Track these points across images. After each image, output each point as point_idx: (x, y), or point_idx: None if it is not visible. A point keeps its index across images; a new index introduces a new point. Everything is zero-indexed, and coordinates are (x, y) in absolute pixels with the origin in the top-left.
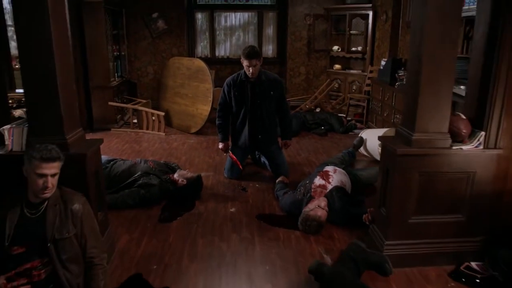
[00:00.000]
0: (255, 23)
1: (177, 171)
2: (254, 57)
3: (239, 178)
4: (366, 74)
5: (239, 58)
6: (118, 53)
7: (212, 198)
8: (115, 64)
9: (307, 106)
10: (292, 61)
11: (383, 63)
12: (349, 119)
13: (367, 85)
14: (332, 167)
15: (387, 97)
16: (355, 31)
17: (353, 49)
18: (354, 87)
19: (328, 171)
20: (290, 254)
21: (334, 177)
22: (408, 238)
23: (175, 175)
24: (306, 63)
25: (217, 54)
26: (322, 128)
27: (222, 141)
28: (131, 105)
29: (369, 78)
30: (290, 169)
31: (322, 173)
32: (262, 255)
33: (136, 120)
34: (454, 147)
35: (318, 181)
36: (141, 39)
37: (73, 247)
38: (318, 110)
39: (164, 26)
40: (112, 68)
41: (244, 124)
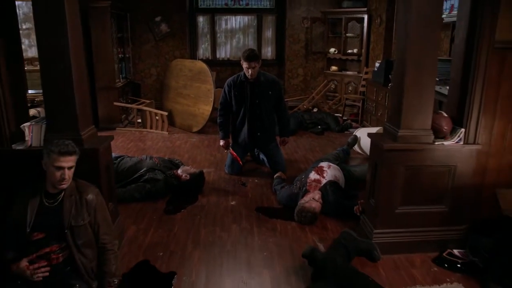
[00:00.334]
0: (254, 26)
1: (180, 167)
2: (253, 59)
3: (239, 174)
4: (361, 75)
5: (239, 60)
6: (123, 55)
7: (214, 192)
8: (120, 66)
9: (304, 106)
10: (290, 62)
11: (377, 64)
12: (345, 118)
13: (362, 86)
14: (327, 163)
15: (381, 97)
16: (351, 34)
17: (349, 51)
18: (350, 88)
19: (323, 167)
20: (286, 243)
21: (328, 172)
22: (395, 227)
23: (179, 171)
24: (304, 64)
25: (218, 56)
26: (319, 127)
27: (223, 139)
28: (135, 105)
29: (364, 79)
30: (288, 165)
31: (317, 169)
32: (260, 243)
33: (140, 120)
34: (436, 143)
35: (313, 175)
36: (145, 42)
37: (88, 233)
38: (315, 110)
39: (167, 29)
40: (117, 69)
41: (243, 123)
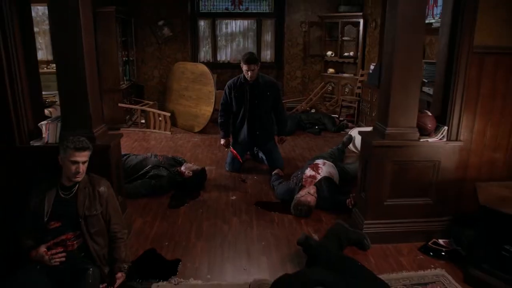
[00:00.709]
0: (254, 29)
1: (183, 164)
2: (253, 62)
3: (239, 171)
4: (357, 77)
5: (239, 63)
6: (127, 58)
7: (215, 188)
8: (124, 69)
9: (302, 107)
10: (289, 65)
11: (371, 67)
12: (341, 119)
13: (358, 87)
14: (322, 160)
15: (375, 98)
16: (347, 38)
17: (346, 54)
18: (346, 90)
19: (318, 164)
20: (283, 234)
21: (323, 169)
22: (384, 218)
23: (182, 168)
24: (302, 67)
25: (218, 58)
26: (316, 127)
27: (224, 137)
28: (139, 106)
29: (360, 81)
30: (285, 163)
31: (312, 165)
32: (258, 234)
33: (144, 120)
34: (421, 140)
35: (308, 172)
36: (148, 45)
37: (100, 222)
38: (313, 111)
39: (169, 33)
40: (121, 72)
41: (243, 122)
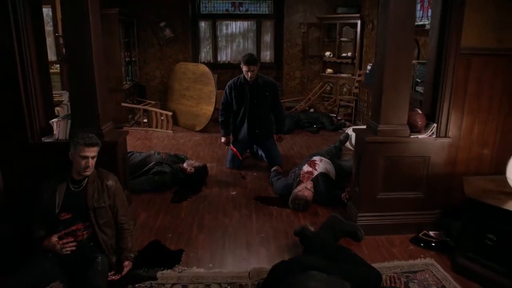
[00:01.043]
0: (254, 31)
1: (186, 161)
2: (252, 63)
3: (239, 168)
4: (355, 77)
5: (239, 63)
6: (129, 59)
7: (216, 184)
8: (126, 69)
9: (301, 106)
10: (288, 66)
11: (368, 67)
12: (339, 118)
13: (356, 87)
14: (319, 157)
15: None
16: (345, 39)
17: (343, 54)
18: (344, 90)
19: (315, 160)
20: (281, 226)
21: (320, 165)
22: (377, 211)
23: (184, 164)
24: (301, 67)
25: (219, 59)
26: (314, 126)
27: (224, 136)
28: (142, 105)
29: (357, 81)
30: (284, 161)
31: (310, 162)
32: (258, 227)
33: (146, 120)
34: (412, 136)
35: (306, 168)
36: (150, 46)
37: (108, 214)
38: (311, 110)
39: (170, 34)
40: (124, 72)
41: (243, 121)
